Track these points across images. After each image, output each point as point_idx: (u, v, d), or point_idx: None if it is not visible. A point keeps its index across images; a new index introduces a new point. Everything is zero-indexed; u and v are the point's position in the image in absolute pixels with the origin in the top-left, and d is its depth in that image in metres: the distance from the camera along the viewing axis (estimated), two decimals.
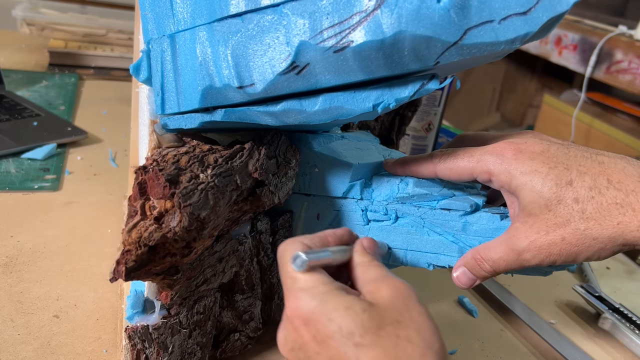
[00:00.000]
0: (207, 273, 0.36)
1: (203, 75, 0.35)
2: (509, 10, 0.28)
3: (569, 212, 0.33)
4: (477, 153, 0.37)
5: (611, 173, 0.33)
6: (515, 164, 0.35)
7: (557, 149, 0.35)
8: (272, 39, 0.32)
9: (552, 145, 0.36)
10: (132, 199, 0.31)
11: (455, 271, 0.39)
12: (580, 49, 1.55)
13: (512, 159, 0.35)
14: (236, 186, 0.34)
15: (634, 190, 0.32)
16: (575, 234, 0.33)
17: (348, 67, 0.31)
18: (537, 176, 0.34)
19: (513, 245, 0.35)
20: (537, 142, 0.36)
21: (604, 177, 0.33)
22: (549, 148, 0.35)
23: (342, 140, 0.46)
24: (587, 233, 0.33)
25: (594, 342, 0.58)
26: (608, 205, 0.32)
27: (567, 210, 0.33)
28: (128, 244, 0.28)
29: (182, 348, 0.38)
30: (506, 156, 0.35)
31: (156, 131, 0.39)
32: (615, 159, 0.34)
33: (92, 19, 1.20)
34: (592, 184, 0.33)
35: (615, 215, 0.32)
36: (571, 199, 0.33)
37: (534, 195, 0.34)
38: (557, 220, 0.34)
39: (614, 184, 0.33)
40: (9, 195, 0.65)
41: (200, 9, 0.35)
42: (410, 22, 0.29)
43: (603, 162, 0.34)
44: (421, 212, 0.41)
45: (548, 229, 0.34)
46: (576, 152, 0.35)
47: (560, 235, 0.34)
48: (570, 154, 0.35)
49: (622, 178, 0.33)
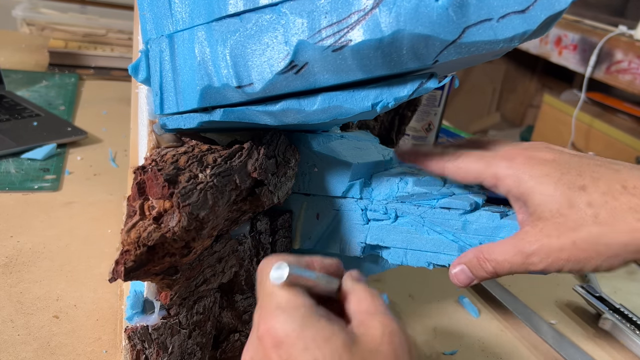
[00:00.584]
0: (207, 273, 0.36)
1: (202, 75, 0.35)
2: (508, 8, 0.28)
3: (582, 217, 0.32)
4: (487, 156, 0.37)
5: (626, 179, 0.32)
6: (524, 168, 0.34)
7: (569, 157, 0.35)
8: (271, 38, 0.32)
9: (564, 154, 0.35)
10: (130, 199, 0.31)
11: (454, 268, 0.38)
12: (580, 49, 1.55)
13: (522, 164, 0.35)
14: (235, 186, 0.34)
15: None
16: (588, 238, 0.32)
17: (347, 66, 0.31)
18: (548, 180, 0.33)
19: (522, 247, 0.34)
20: (549, 151, 0.35)
21: (619, 183, 0.32)
22: (561, 156, 0.35)
23: (341, 139, 0.46)
24: (599, 238, 0.32)
25: (594, 343, 0.58)
26: (622, 210, 0.31)
27: (579, 215, 0.32)
28: (127, 244, 0.28)
29: (181, 348, 0.38)
30: (516, 161, 0.35)
31: (155, 131, 0.39)
32: (631, 167, 0.33)
33: (92, 19, 1.21)
34: (606, 189, 0.32)
35: (630, 221, 0.31)
36: (584, 203, 0.32)
37: (545, 198, 0.33)
38: (568, 224, 0.33)
39: (629, 189, 0.32)
40: (9, 196, 0.65)
41: (198, 9, 0.35)
42: (408, 21, 0.29)
43: (618, 170, 0.33)
44: (421, 211, 0.41)
45: (559, 233, 0.33)
46: (589, 161, 0.34)
47: (571, 240, 0.32)
48: (583, 162, 0.34)
49: (637, 184, 0.32)
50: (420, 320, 0.57)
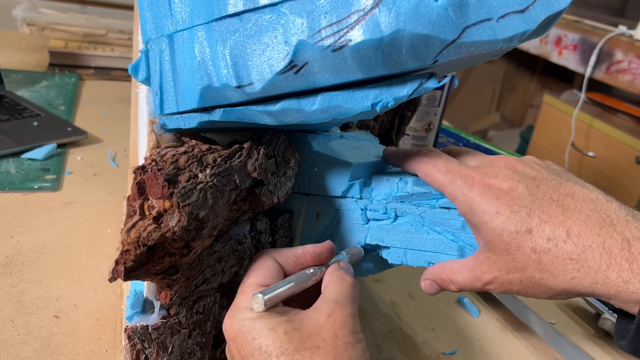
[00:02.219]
0: (207, 273, 0.36)
1: (201, 75, 0.35)
2: (507, 8, 0.28)
3: (526, 260, 0.33)
4: (453, 172, 0.37)
5: (572, 225, 0.32)
6: (479, 200, 0.35)
7: (524, 189, 0.34)
8: (271, 38, 0.32)
9: (522, 182, 0.35)
10: (130, 198, 0.31)
11: (423, 280, 0.41)
12: (580, 49, 1.55)
13: (478, 195, 0.35)
14: (235, 186, 0.34)
15: (591, 246, 0.32)
16: (532, 281, 0.34)
17: (346, 66, 0.31)
18: (498, 219, 0.34)
19: (479, 276, 0.36)
20: (507, 177, 0.35)
21: (564, 228, 0.32)
22: (517, 187, 0.35)
23: (341, 139, 0.46)
24: (542, 282, 0.33)
25: (593, 343, 0.58)
26: (563, 260, 0.32)
27: (524, 258, 0.33)
28: (127, 244, 0.28)
29: (181, 348, 0.38)
30: (474, 189, 0.36)
31: (155, 131, 0.39)
32: (582, 204, 0.33)
33: (92, 19, 1.21)
34: (550, 235, 0.33)
35: (569, 271, 0.32)
36: (529, 247, 0.33)
37: (494, 236, 0.34)
38: (515, 264, 0.34)
39: (572, 237, 0.32)
40: (9, 195, 0.65)
41: (198, 9, 0.35)
42: (408, 21, 0.29)
43: (568, 209, 0.33)
44: (420, 211, 0.41)
45: (508, 270, 0.35)
46: (544, 194, 0.34)
47: (518, 279, 0.34)
48: (538, 196, 0.34)
49: (581, 231, 0.32)
50: (420, 320, 0.57)
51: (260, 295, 0.32)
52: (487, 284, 0.36)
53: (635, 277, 0.30)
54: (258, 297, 0.32)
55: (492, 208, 0.34)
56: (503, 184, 0.35)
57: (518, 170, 0.36)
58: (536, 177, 0.35)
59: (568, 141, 1.61)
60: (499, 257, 0.35)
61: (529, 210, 0.34)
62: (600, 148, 1.57)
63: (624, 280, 0.31)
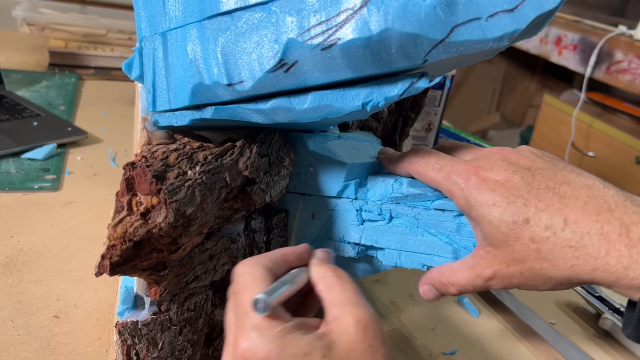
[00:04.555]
0: (198, 270, 0.36)
1: (193, 73, 0.35)
2: (496, 7, 0.28)
3: (526, 251, 0.33)
4: (447, 168, 0.37)
5: (569, 212, 0.32)
6: (475, 193, 0.35)
7: (520, 179, 0.34)
8: (261, 36, 0.32)
9: (517, 173, 0.35)
10: (119, 194, 0.31)
11: (421, 286, 0.40)
12: (580, 49, 1.55)
13: (474, 188, 0.35)
14: (225, 184, 0.34)
15: (589, 233, 0.31)
16: (532, 271, 0.34)
17: (336, 64, 0.31)
18: (495, 210, 0.34)
19: (479, 272, 0.36)
20: (502, 169, 0.35)
21: (561, 216, 0.32)
22: (512, 178, 0.34)
23: (338, 140, 0.45)
24: (542, 272, 0.33)
25: (594, 343, 0.57)
26: (562, 247, 0.32)
27: (523, 249, 0.33)
28: (113, 238, 0.29)
29: (172, 345, 0.38)
30: (469, 182, 0.35)
31: (147, 128, 0.39)
32: (579, 191, 0.33)
33: (92, 19, 1.21)
34: (548, 223, 0.32)
35: (569, 258, 0.32)
36: (527, 237, 0.33)
37: (492, 229, 0.34)
38: (515, 256, 0.34)
39: (570, 224, 0.32)
40: (9, 195, 0.65)
41: (191, 7, 0.35)
42: (396, 20, 0.29)
43: (564, 196, 0.33)
44: (415, 213, 0.41)
45: (508, 262, 0.34)
46: (540, 183, 0.34)
47: (519, 271, 0.34)
48: (534, 185, 0.34)
49: (579, 217, 0.32)
50: (420, 321, 0.57)
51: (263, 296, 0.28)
52: (489, 279, 0.35)
53: (635, 263, 0.30)
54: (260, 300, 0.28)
55: (489, 200, 0.34)
56: (498, 176, 0.35)
57: (513, 161, 0.36)
58: (531, 167, 0.35)
59: (568, 141, 1.61)
60: (499, 249, 0.34)
61: (525, 200, 0.33)
62: (600, 148, 1.57)
63: (624, 266, 0.30)
